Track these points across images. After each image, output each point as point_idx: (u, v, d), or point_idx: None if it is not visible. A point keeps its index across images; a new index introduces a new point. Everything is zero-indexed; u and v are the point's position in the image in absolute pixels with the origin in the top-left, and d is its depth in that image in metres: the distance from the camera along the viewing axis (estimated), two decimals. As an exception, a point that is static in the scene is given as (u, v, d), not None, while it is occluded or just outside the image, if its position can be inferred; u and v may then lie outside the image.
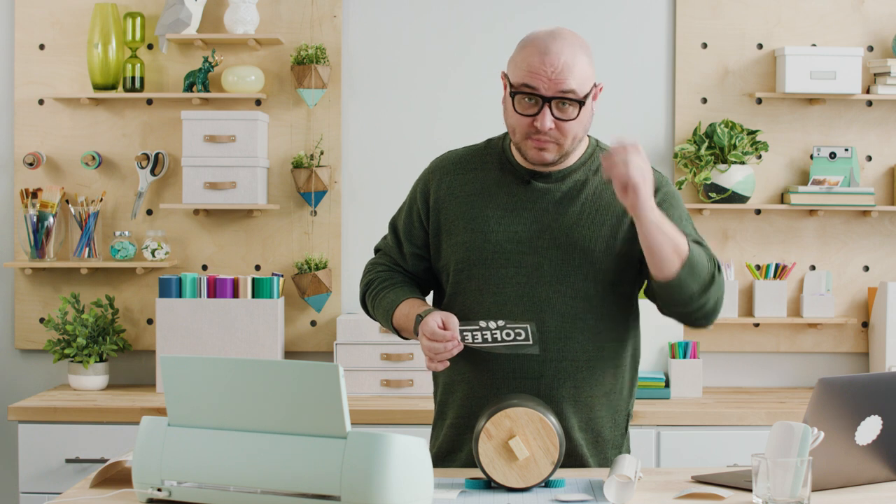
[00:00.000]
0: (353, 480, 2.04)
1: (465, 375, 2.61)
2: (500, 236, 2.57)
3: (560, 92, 2.46)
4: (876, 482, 2.42)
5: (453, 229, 2.61)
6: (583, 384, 2.57)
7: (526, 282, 2.55)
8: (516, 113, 2.51)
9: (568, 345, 2.54)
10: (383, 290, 2.67)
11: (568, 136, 2.51)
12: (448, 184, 2.64)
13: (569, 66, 2.46)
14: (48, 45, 4.27)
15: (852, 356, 4.36)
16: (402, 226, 2.71)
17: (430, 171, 2.69)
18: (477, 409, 2.57)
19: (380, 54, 4.33)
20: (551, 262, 2.55)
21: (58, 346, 4.12)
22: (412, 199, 2.70)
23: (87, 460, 3.82)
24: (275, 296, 4.09)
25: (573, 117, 2.49)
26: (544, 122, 2.48)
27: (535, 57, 2.48)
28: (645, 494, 2.30)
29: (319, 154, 4.25)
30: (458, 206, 2.61)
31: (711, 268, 2.50)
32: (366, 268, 2.77)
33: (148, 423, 2.24)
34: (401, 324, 2.61)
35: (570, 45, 2.49)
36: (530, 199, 2.58)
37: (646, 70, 4.33)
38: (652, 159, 4.30)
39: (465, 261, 2.58)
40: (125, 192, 4.29)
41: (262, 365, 2.14)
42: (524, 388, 2.55)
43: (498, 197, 2.59)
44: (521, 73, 2.49)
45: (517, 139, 2.54)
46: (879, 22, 4.31)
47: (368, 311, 2.75)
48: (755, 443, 3.70)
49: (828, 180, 4.20)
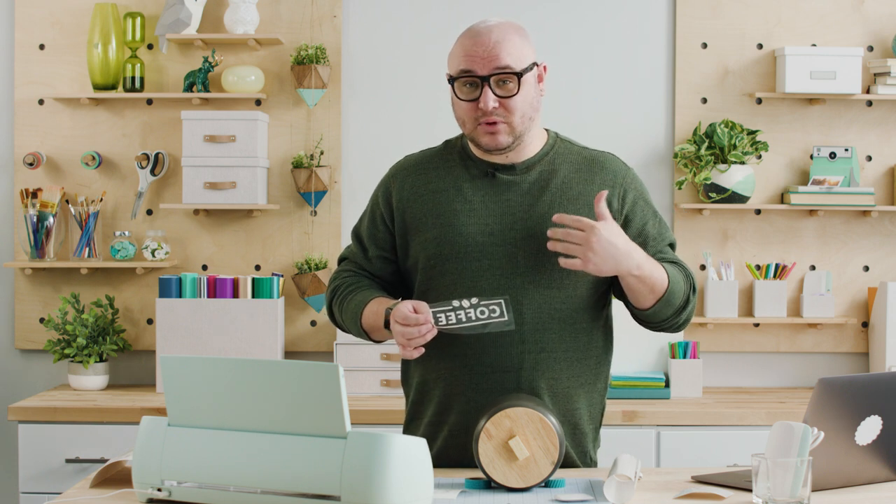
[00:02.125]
0: (353, 480, 2.04)
1: (442, 373, 2.60)
2: (471, 229, 2.56)
3: (496, 68, 2.50)
4: (876, 482, 2.42)
5: (421, 226, 2.60)
6: (560, 375, 2.57)
7: (501, 273, 2.55)
8: (461, 101, 2.54)
9: (545, 335, 2.54)
10: (350, 293, 2.65)
11: (514, 113, 2.52)
12: (411, 184, 2.64)
13: (500, 43, 2.50)
14: (48, 45, 4.27)
15: (852, 356, 4.36)
16: (365, 231, 2.70)
17: (391, 175, 2.69)
18: (456, 406, 2.57)
19: (380, 54, 4.33)
20: (525, 252, 2.55)
21: (58, 346, 4.12)
22: (374, 204, 2.70)
23: (87, 460, 3.82)
24: (275, 296, 4.09)
25: (514, 93, 2.51)
26: (487, 101, 2.50)
27: (468, 42, 2.53)
28: (645, 494, 2.30)
29: (319, 154, 4.25)
30: (424, 203, 2.61)
31: (687, 289, 2.57)
32: (330, 278, 2.75)
33: (148, 423, 2.24)
34: (370, 323, 2.57)
35: (499, 26, 2.54)
36: (497, 192, 2.59)
37: (646, 70, 4.33)
38: (652, 159, 4.30)
39: (437, 256, 2.58)
40: (125, 192, 4.29)
41: (262, 365, 2.14)
42: (503, 382, 2.54)
43: (464, 192, 2.59)
44: (457, 62, 2.54)
45: (468, 130, 2.57)
46: (879, 22, 4.31)
47: (336, 320, 2.71)
48: (755, 443, 3.70)
49: (828, 180, 4.20)
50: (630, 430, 3.85)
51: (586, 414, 2.62)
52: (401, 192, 2.64)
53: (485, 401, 2.54)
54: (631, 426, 3.85)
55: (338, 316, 2.68)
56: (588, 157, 2.64)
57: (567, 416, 2.59)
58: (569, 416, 2.59)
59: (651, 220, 2.63)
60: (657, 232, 2.63)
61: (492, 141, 2.54)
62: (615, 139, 4.31)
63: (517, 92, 2.51)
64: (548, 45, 4.31)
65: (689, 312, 2.60)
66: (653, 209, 2.66)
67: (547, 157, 2.62)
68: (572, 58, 4.32)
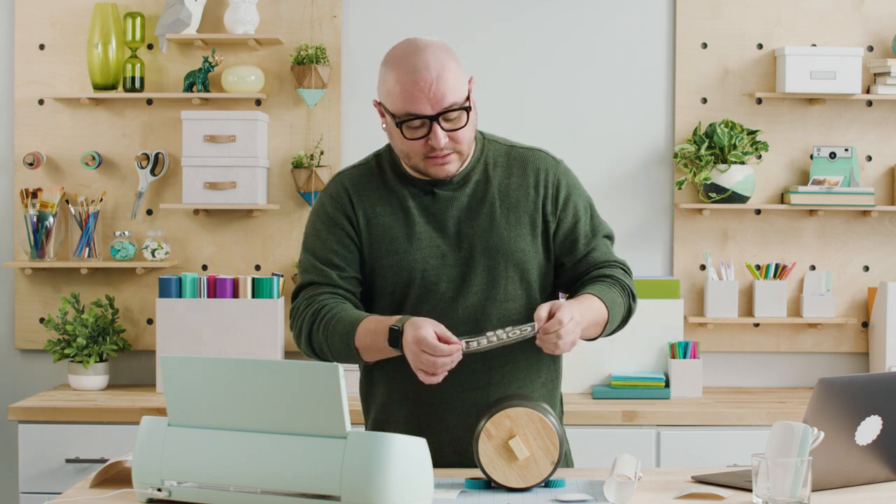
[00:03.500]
0: (353, 480, 2.04)
1: (408, 394, 2.57)
2: (423, 253, 2.54)
3: (444, 108, 2.43)
4: (876, 482, 2.42)
5: (375, 253, 2.56)
6: (526, 383, 2.59)
7: (458, 295, 2.54)
8: (407, 140, 2.47)
9: (508, 348, 2.52)
10: (336, 313, 2.50)
11: (463, 142, 2.49)
12: (361, 206, 2.57)
13: (442, 79, 2.42)
14: (48, 45, 4.27)
15: (852, 356, 4.36)
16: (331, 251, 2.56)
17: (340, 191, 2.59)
18: (427, 427, 2.55)
19: (380, 54, 4.28)
20: (476, 269, 2.54)
21: (58, 346, 4.12)
22: (330, 224, 2.57)
23: (87, 460, 3.82)
24: (275, 296, 4.09)
25: (463, 125, 2.47)
26: (438, 140, 2.45)
27: (407, 81, 2.43)
28: (645, 494, 2.30)
29: (319, 154, 4.25)
30: (374, 229, 2.56)
31: (625, 301, 2.59)
32: (298, 306, 2.57)
33: (148, 423, 2.24)
34: (365, 342, 2.45)
35: (434, 55, 2.45)
36: (441, 210, 2.55)
37: (646, 70, 4.33)
38: (652, 159, 4.30)
39: (395, 283, 2.54)
40: (125, 192, 4.29)
41: (262, 365, 2.14)
42: (473, 399, 2.54)
43: (410, 214, 2.55)
44: (399, 102, 2.44)
45: (414, 162, 2.50)
46: (879, 22, 4.31)
47: (314, 345, 2.54)
48: (755, 443, 3.70)
49: (828, 180, 4.20)
50: (630, 430, 3.85)
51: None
52: (359, 209, 2.56)
53: (455, 420, 2.53)
54: (631, 426, 3.85)
55: (320, 339, 2.52)
56: (518, 157, 2.61)
57: None
58: None
59: (583, 216, 2.62)
60: (590, 228, 2.62)
61: (442, 171, 2.50)
62: (615, 139, 4.31)
63: (466, 123, 2.48)
64: (548, 45, 4.31)
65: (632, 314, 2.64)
66: (586, 203, 2.64)
67: (479, 163, 2.59)
68: (572, 58, 4.32)
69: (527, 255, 2.57)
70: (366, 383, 2.66)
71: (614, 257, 2.65)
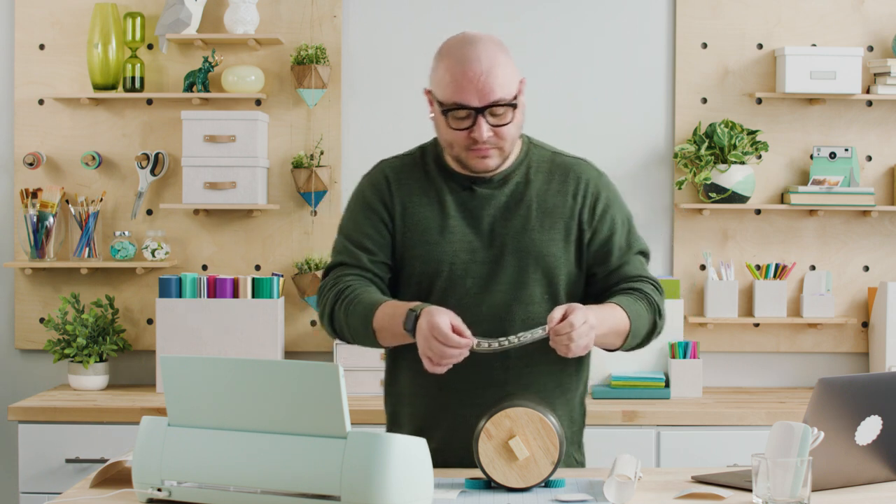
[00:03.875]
0: (353, 480, 2.04)
1: (428, 388, 2.58)
2: (454, 246, 2.55)
3: (491, 102, 2.45)
4: (876, 482, 2.42)
5: (408, 242, 2.58)
6: (545, 387, 2.58)
7: (484, 292, 2.55)
8: (451, 129, 2.49)
9: (530, 349, 2.51)
10: (359, 294, 2.52)
11: (507, 139, 2.51)
12: (399, 194, 2.59)
13: (493, 73, 2.45)
14: (48, 45, 4.27)
15: (852, 356, 4.36)
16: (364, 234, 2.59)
17: (380, 178, 2.62)
18: (440, 421, 2.56)
19: (380, 54, 4.33)
20: (505, 268, 2.55)
21: (58, 346, 4.12)
22: (367, 207, 2.60)
23: (87, 460, 3.82)
24: (275, 296, 4.09)
25: (508, 121, 2.49)
26: (481, 132, 2.46)
27: (458, 71, 2.45)
28: (645, 494, 2.30)
29: (319, 154, 4.25)
30: (411, 217, 2.58)
31: (651, 316, 2.57)
32: (325, 284, 2.60)
33: (148, 423, 2.24)
34: (383, 324, 2.47)
35: (487, 49, 2.47)
36: (477, 207, 2.57)
37: (646, 70, 4.33)
38: (652, 159, 4.30)
39: (423, 274, 2.56)
40: (125, 192, 4.29)
41: (262, 365, 2.14)
42: (490, 397, 2.53)
43: (447, 208, 2.57)
44: (448, 91, 2.47)
45: (456, 152, 2.52)
46: (879, 22, 4.31)
47: (335, 324, 2.57)
48: (755, 443, 3.70)
49: (828, 180, 4.20)
50: (630, 430, 3.85)
51: (567, 419, 2.63)
52: (397, 197, 2.60)
53: (470, 416, 2.53)
54: (631, 426, 3.85)
55: (340, 318, 2.55)
56: (561, 165, 2.62)
57: None
58: None
59: (619, 230, 2.62)
60: (625, 242, 2.62)
61: (481, 165, 2.52)
62: (615, 139, 4.31)
63: (511, 120, 2.49)
64: (548, 45, 4.31)
65: (658, 332, 2.62)
66: (624, 217, 2.64)
67: (522, 165, 2.61)
68: (572, 58, 4.32)
69: (557, 260, 2.56)
70: (389, 374, 2.68)
71: (647, 273, 2.63)
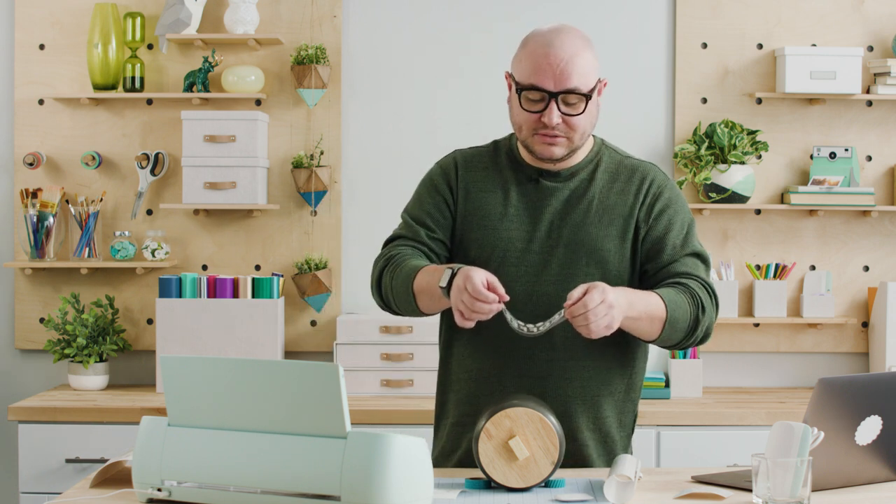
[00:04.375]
0: (353, 480, 2.04)
1: (472, 374, 2.60)
2: (510, 234, 2.57)
3: (566, 88, 2.47)
4: (876, 482, 2.42)
5: (466, 225, 2.61)
6: (589, 383, 2.57)
7: (535, 280, 2.55)
8: (523, 110, 2.51)
9: (574, 343, 2.54)
10: (407, 259, 2.56)
11: (577, 130, 2.52)
12: (465, 179, 2.63)
13: (573, 62, 2.48)
14: (48, 45, 4.27)
15: (852, 356, 4.36)
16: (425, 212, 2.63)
17: (451, 162, 2.66)
18: (481, 408, 2.56)
19: (380, 54, 4.33)
20: (558, 260, 2.56)
21: (58, 346, 4.12)
22: (432, 188, 2.65)
23: (87, 460, 3.82)
24: (275, 296, 4.09)
25: (580, 112, 2.50)
26: (552, 117, 2.49)
27: (540, 53, 2.49)
28: (645, 494, 2.30)
29: (319, 154, 4.25)
30: (473, 201, 2.61)
31: (693, 310, 2.51)
32: (380, 254, 2.64)
33: (148, 423, 2.24)
34: (422, 285, 2.49)
35: (572, 40, 2.50)
36: (540, 198, 2.59)
37: (646, 70, 4.33)
38: (652, 159, 4.30)
39: (478, 258, 2.58)
40: (125, 192, 4.29)
41: (262, 365, 2.14)
42: (531, 388, 2.55)
43: (510, 196, 2.60)
44: (526, 72, 2.50)
45: (524, 136, 2.55)
46: (879, 22, 4.31)
47: (382, 289, 2.60)
48: (755, 443, 3.70)
49: (828, 180, 4.20)
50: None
51: (616, 422, 2.62)
52: (462, 182, 2.63)
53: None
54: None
55: (387, 283, 2.57)
56: (628, 166, 2.63)
57: (597, 423, 2.59)
58: (599, 424, 2.59)
59: (676, 230, 2.59)
60: (680, 242, 2.58)
61: (547, 151, 2.53)
62: (615, 139, 4.26)
63: (583, 111, 2.51)
64: (548, 45, 4.31)
65: (705, 329, 2.55)
66: (684, 220, 2.61)
67: (590, 164, 2.62)
68: (572, 58, 4.32)
69: (610, 255, 2.56)
70: (442, 363, 2.69)
71: (698, 273, 2.58)
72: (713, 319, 2.56)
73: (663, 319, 2.47)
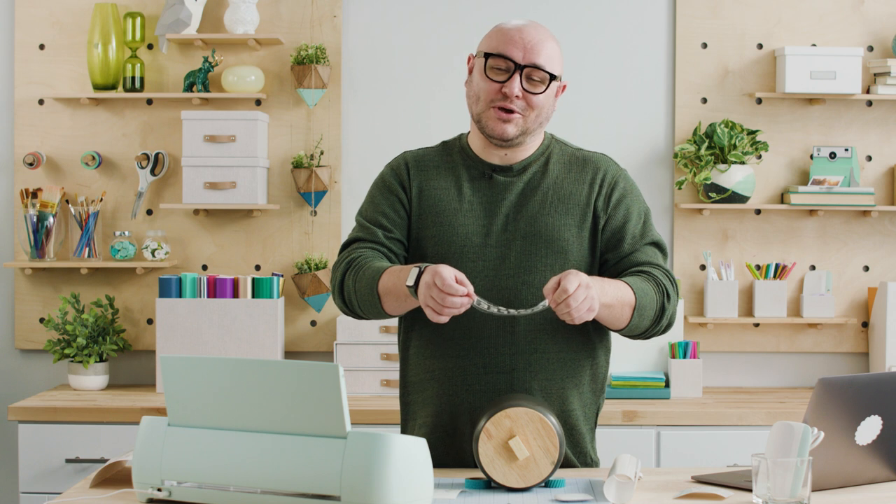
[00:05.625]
0: (353, 480, 2.04)
1: (435, 373, 2.60)
2: (467, 229, 2.58)
3: (533, 62, 2.53)
4: (876, 482, 2.42)
5: (422, 223, 2.62)
6: (554, 376, 2.58)
7: (494, 275, 2.56)
8: (487, 78, 2.55)
9: (538, 336, 2.55)
10: (369, 261, 2.56)
11: (534, 109, 2.56)
12: (417, 178, 2.65)
13: (543, 43, 2.56)
14: (48, 45, 4.28)
15: (852, 356, 4.36)
16: (380, 213, 2.64)
17: (402, 163, 2.68)
18: (448, 407, 2.57)
19: (380, 54, 4.33)
20: (516, 253, 2.57)
21: (58, 346, 4.12)
22: (385, 189, 2.65)
23: (87, 460, 3.82)
24: (275, 296, 4.09)
25: (541, 91, 2.55)
26: (513, 87, 2.53)
27: (512, 29, 2.58)
28: (645, 494, 2.30)
29: (319, 154, 4.25)
30: (427, 199, 2.62)
31: (659, 298, 2.54)
32: (339, 259, 2.64)
33: (148, 423, 2.24)
34: (388, 286, 2.48)
35: (544, 30, 2.61)
36: (494, 193, 2.61)
37: (646, 70, 4.33)
38: (652, 159, 4.30)
39: (435, 255, 2.59)
40: (125, 192, 4.29)
41: (262, 365, 2.14)
42: (496, 383, 2.55)
43: (464, 192, 2.62)
44: (495, 43, 2.57)
45: (480, 108, 2.57)
46: (879, 22, 4.31)
47: (345, 293, 2.59)
48: (755, 443, 3.70)
49: (828, 180, 4.20)
50: (630, 430, 3.85)
51: (581, 415, 2.62)
52: (415, 180, 2.64)
53: (477, 402, 2.55)
54: (631, 426, 3.85)
55: (350, 287, 2.57)
56: (580, 157, 2.67)
57: (562, 417, 2.59)
58: (564, 417, 2.59)
59: (634, 219, 2.63)
60: (639, 231, 2.62)
61: (499, 128, 2.56)
62: (615, 139, 4.31)
63: (543, 91, 2.55)
64: (548, 45, 4.31)
65: (669, 317, 2.59)
66: (640, 209, 2.65)
67: (541, 157, 2.65)
68: (572, 58, 4.31)
69: (569, 244, 2.58)
70: (402, 364, 2.69)
71: (658, 262, 2.62)
72: (676, 308, 2.61)
73: (633, 306, 2.50)
